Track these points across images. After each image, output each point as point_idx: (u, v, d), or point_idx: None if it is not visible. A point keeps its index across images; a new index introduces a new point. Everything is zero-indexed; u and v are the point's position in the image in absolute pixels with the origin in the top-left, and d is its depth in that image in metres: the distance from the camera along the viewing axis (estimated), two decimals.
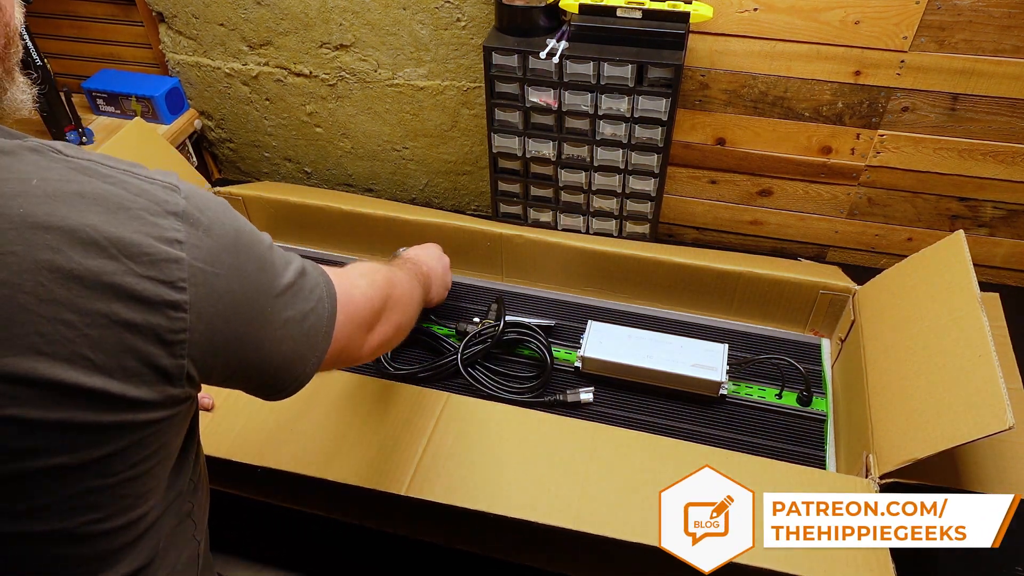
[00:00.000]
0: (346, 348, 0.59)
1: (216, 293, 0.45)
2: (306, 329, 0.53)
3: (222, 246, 0.46)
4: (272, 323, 0.50)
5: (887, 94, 1.17)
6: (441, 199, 1.60)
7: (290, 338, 0.52)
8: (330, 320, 0.56)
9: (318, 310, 0.54)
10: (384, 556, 1.06)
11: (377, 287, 0.65)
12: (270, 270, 0.51)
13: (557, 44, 1.13)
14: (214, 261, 0.45)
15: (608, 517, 0.79)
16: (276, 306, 0.50)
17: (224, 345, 0.47)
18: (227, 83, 1.51)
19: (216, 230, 0.46)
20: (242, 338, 0.48)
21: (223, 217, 0.47)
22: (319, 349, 0.55)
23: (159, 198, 0.44)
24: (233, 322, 0.47)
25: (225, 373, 0.49)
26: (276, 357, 0.52)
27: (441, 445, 0.87)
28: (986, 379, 0.78)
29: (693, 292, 1.18)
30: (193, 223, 0.44)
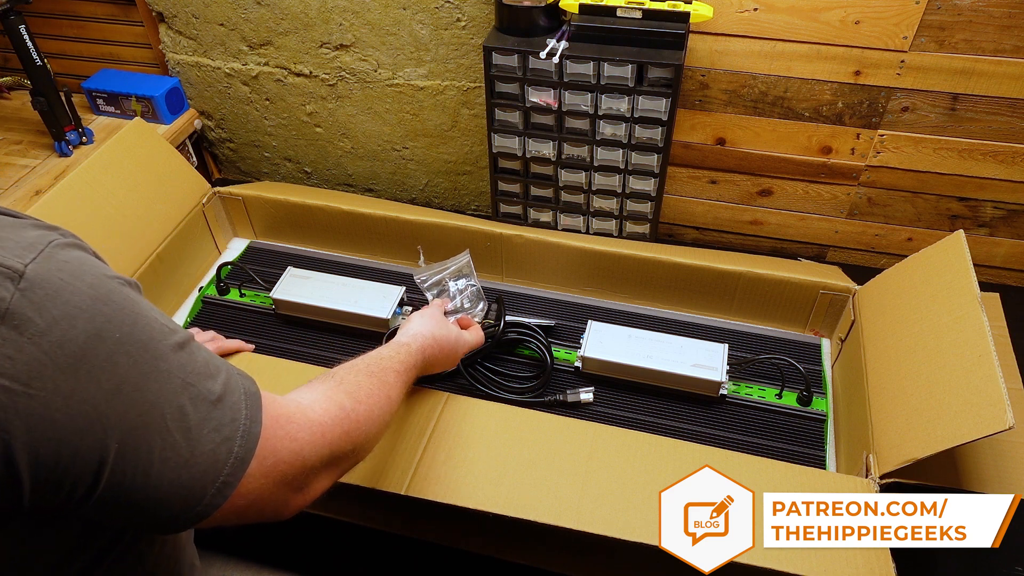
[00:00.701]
0: (257, 505, 0.48)
1: (25, 419, 0.35)
2: (188, 477, 0.42)
3: (54, 359, 0.36)
4: (128, 461, 0.40)
5: (887, 94, 1.17)
6: (441, 199, 1.60)
7: (158, 482, 0.41)
8: (234, 471, 0.45)
9: (217, 454, 0.44)
10: (384, 556, 1.06)
11: (325, 444, 0.53)
12: (141, 395, 0.40)
13: (557, 44, 1.13)
14: (33, 378, 0.36)
15: (608, 517, 0.79)
16: (140, 441, 0.40)
17: (42, 477, 0.37)
18: (227, 83, 1.51)
19: (53, 336, 0.36)
20: (73, 473, 0.38)
21: (77, 316, 0.37)
22: (206, 503, 0.44)
23: None
24: (54, 453, 0.37)
25: (67, 507, 0.40)
26: (133, 501, 0.41)
27: (441, 445, 0.87)
28: (986, 379, 0.78)
29: (693, 292, 1.18)
30: (16, 325, 0.35)
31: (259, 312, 1.23)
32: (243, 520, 0.48)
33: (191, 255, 1.28)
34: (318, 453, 0.52)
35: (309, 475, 0.52)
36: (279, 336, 1.19)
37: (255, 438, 0.46)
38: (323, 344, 1.18)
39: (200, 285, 1.29)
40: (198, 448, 0.43)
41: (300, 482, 0.51)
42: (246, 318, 1.23)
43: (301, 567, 1.10)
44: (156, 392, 0.41)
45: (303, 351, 1.17)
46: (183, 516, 0.44)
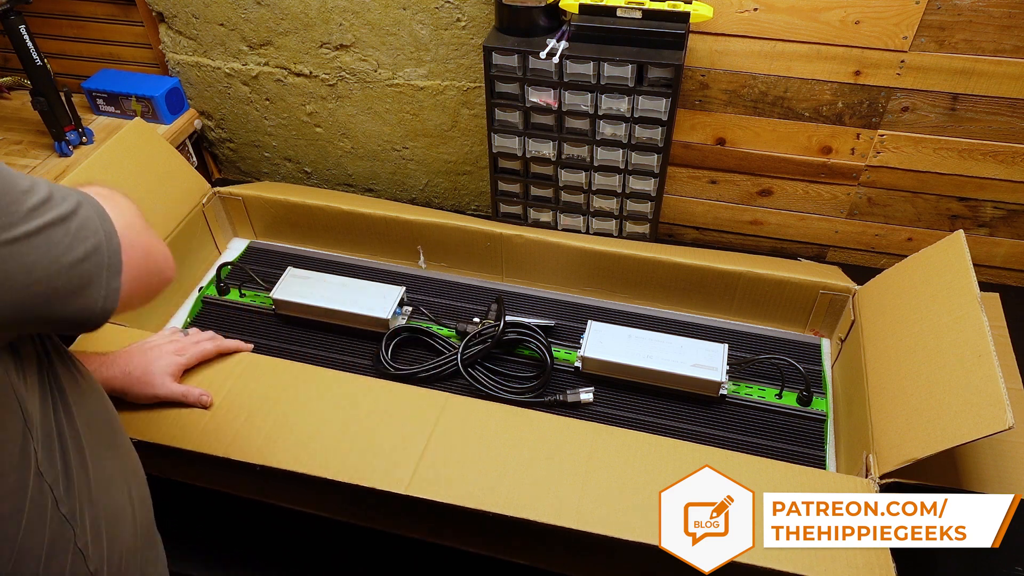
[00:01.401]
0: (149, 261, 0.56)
1: None
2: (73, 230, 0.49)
3: None
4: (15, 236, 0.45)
5: (887, 94, 1.17)
6: (441, 199, 1.60)
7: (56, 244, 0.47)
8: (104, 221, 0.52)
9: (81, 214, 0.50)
10: (383, 556, 1.06)
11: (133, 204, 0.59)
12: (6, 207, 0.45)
13: (557, 44, 1.13)
14: None
15: (608, 516, 0.79)
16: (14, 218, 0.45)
17: None
18: (227, 83, 1.51)
19: None
20: None
21: None
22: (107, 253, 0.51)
23: None
24: None
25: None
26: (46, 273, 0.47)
27: (441, 445, 0.87)
28: (986, 379, 0.78)
29: (693, 292, 1.18)
30: None
31: (259, 312, 1.23)
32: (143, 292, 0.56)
33: (191, 255, 1.28)
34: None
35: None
36: (279, 336, 1.19)
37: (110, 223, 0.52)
38: (323, 344, 1.18)
39: (200, 285, 1.29)
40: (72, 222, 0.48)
41: None
42: (246, 318, 1.23)
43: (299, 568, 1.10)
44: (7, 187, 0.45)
45: (303, 351, 1.17)
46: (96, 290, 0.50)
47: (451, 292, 1.26)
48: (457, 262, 1.29)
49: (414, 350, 1.16)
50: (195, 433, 0.88)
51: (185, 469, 0.97)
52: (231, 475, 0.97)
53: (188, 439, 0.88)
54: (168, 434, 0.88)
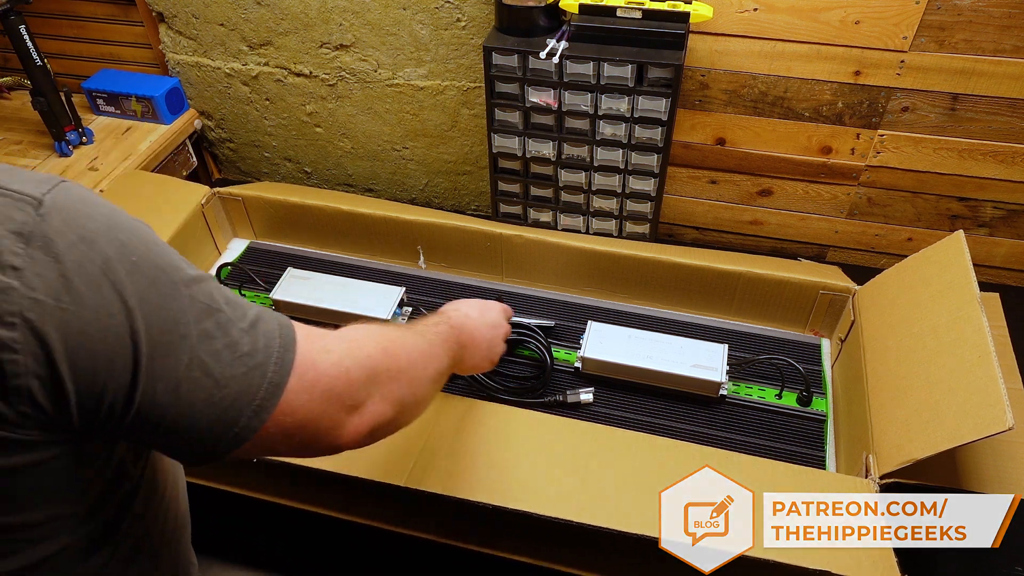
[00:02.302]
0: (308, 425, 0.48)
1: (58, 331, 0.38)
2: (220, 399, 0.44)
3: (78, 275, 0.38)
4: (159, 379, 0.42)
5: (887, 94, 1.17)
6: (441, 199, 1.60)
7: (191, 403, 0.43)
8: (270, 394, 0.45)
9: (249, 378, 0.45)
10: (381, 553, 1.06)
11: (363, 354, 0.52)
12: (164, 313, 0.42)
13: (557, 44, 1.13)
14: (60, 293, 0.38)
15: (608, 511, 0.79)
16: (168, 360, 0.42)
17: (79, 392, 0.39)
18: (227, 83, 1.51)
19: (72, 256, 0.38)
20: (107, 388, 0.40)
21: (95, 239, 0.40)
22: (242, 425, 0.45)
23: (5, 215, 0.38)
24: (83, 367, 0.39)
25: (107, 423, 0.42)
26: (171, 423, 0.43)
27: (440, 443, 0.87)
28: (986, 379, 0.78)
29: (693, 292, 1.18)
30: (43, 246, 0.38)
31: None
32: (293, 443, 0.48)
33: (191, 256, 1.28)
34: (358, 364, 0.51)
35: (355, 390, 0.51)
36: None
37: (290, 363, 0.47)
38: None
39: None
40: (229, 372, 0.44)
41: (349, 398, 0.51)
42: None
43: (300, 568, 1.10)
44: (177, 311, 0.43)
45: None
46: (221, 439, 0.45)
47: (451, 292, 1.26)
48: (457, 262, 1.29)
49: None
50: None
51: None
52: (229, 472, 0.97)
53: None
54: None
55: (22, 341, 0.37)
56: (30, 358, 0.38)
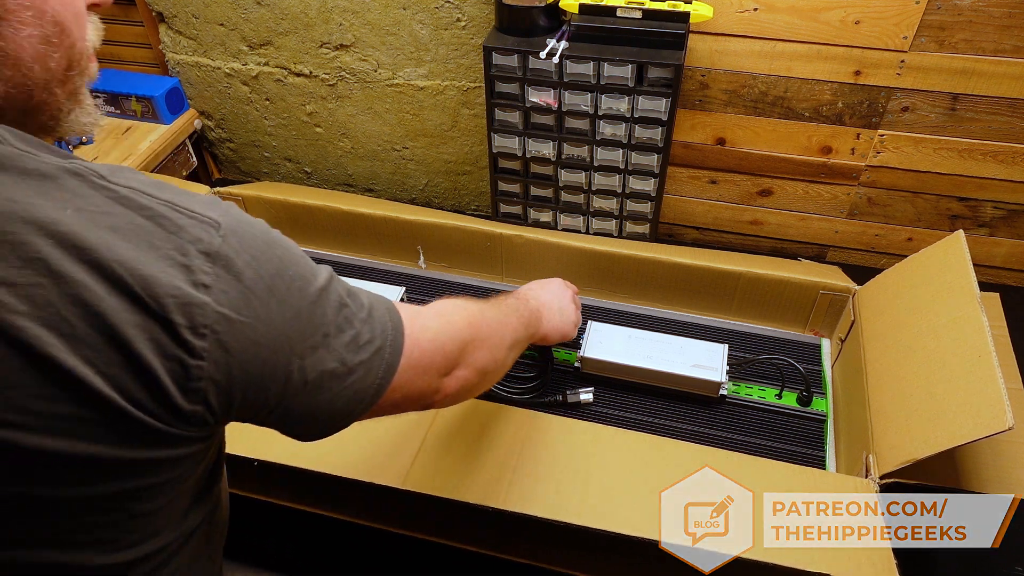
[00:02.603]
0: (410, 396, 0.57)
1: (238, 342, 0.43)
2: (351, 383, 0.50)
3: (253, 292, 0.43)
4: (304, 376, 0.47)
5: (887, 94, 1.17)
6: (441, 199, 1.60)
7: (327, 391, 0.49)
8: (387, 374, 0.53)
9: (372, 363, 0.51)
10: (381, 554, 1.06)
11: (454, 329, 0.61)
12: (312, 320, 0.48)
13: (557, 44, 1.13)
14: (241, 308, 0.43)
15: (609, 513, 0.79)
16: (313, 358, 0.48)
17: (243, 393, 0.45)
18: (227, 83, 1.51)
19: (249, 274, 0.43)
20: (263, 388, 0.46)
21: (262, 258, 0.45)
22: (365, 402, 0.52)
23: (194, 236, 0.42)
24: (253, 372, 0.44)
25: (247, 417, 0.48)
26: (308, 408, 0.49)
27: (439, 443, 0.87)
28: (986, 379, 0.78)
29: (693, 292, 1.18)
30: (225, 265, 0.42)
31: None
32: (399, 410, 0.57)
33: None
34: (450, 336, 0.60)
35: (448, 360, 0.60)
36: None
37: (401, 344, 0.54)
38: None
39: None
40: (357, 359, 0.50)
41: (442, 367, 0.60)
42: None
43: (301, 568, 1.10)
44: (321, 315, 0.48)
45: None
46: (347, 417, 0.52)
47: (451, 292, 1.26)
48: (457, 262, 1.29)
49: None
50: None
51: None
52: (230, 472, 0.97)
53: None
54: None
55: (210, 350, 0.42)
56: (213, 365, 0.42)
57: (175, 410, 0.42)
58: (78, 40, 0.46)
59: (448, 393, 0.61)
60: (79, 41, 0.46)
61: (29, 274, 0.37)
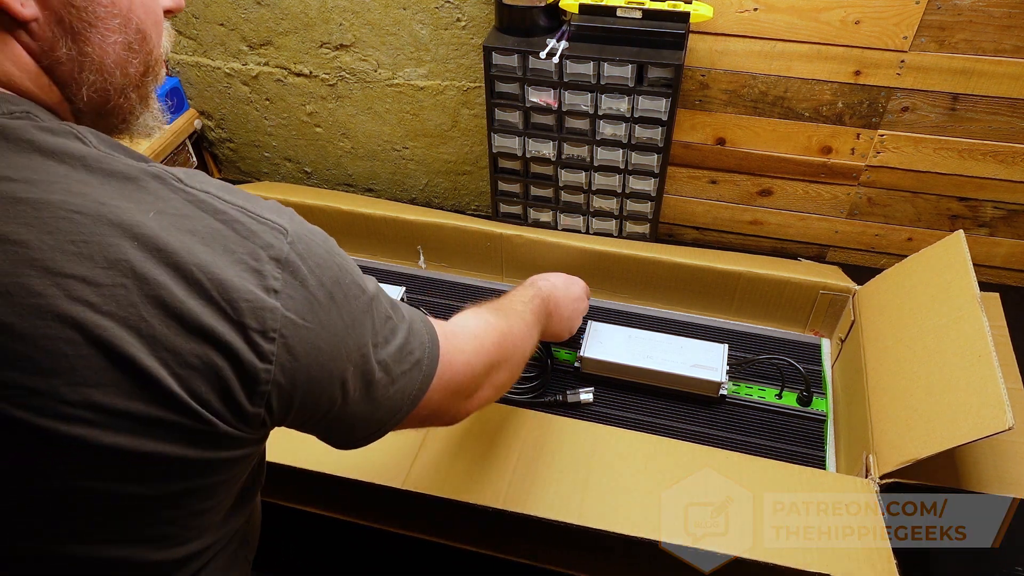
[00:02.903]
0: (436, 412, 0.58)
1: (302, 347, 0.44)
2: (391, 393, 0.52)
3: (316, 299, 0.44)
4: (355, 383, 0.49)
5: (887, 94, 1.17)
6: (441, 199, 1.60)
7: (371, 400, 0.51)
8: (422, 387, 0.54)
9: (411, 374, 0.53)
10: (380, 554, 1.06)
11: (485, 352, 0.62)
12: (364, 328, 0.49)
13: (557, 44, 1.13)
14: (305, 313, 0.44)
15: (608, 513, 0.79)
16: (363, 366, 0.49)
17: (302, 398, 0.45)
18: (227, 83, 1.51)
19: (312, 281, 0.44)
20: (320, 393, 0.47)
21: (324, 266, 0.45)
22: (401, 413, 0.53)
23: (265, 242, 0.43)
24: (314, 377, 0.45)
25: (299, 422, 0.48)
26: (352, 416, 0.50)
27: (439, 443, 0.87)
28: (986, 379, 0.78)
29: (693, 292, 1.18)
30: (292, 271, 0.43)
31: None
32: (421, 425, 0.58)
33: None
34: (481, 361, 0.61)
35: (476, 382, 0.61)
36: None
37: (436, 358, 0.55)
38: None
39: None
40: (400, 369, 0.52)
41: (469, 389, 0.61)
42: None
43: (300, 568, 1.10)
44: (372, 324, 0.49)
45: None
46: (384, 426, 0.53)
47: (451, 292, 1.26)
48: (457, 262, 1.29)
49: None
50: None
51: None
52: None
53: None
54: None
55: (277, 354, 0.42)
56: (279, 370, 0.43)
57: (240, 412, 0.42)
58: (155, 47, 0.48)
59: (469, 411, 0.63)
60: (156, 48, 0.48)
61: (114, 275, 0.38)
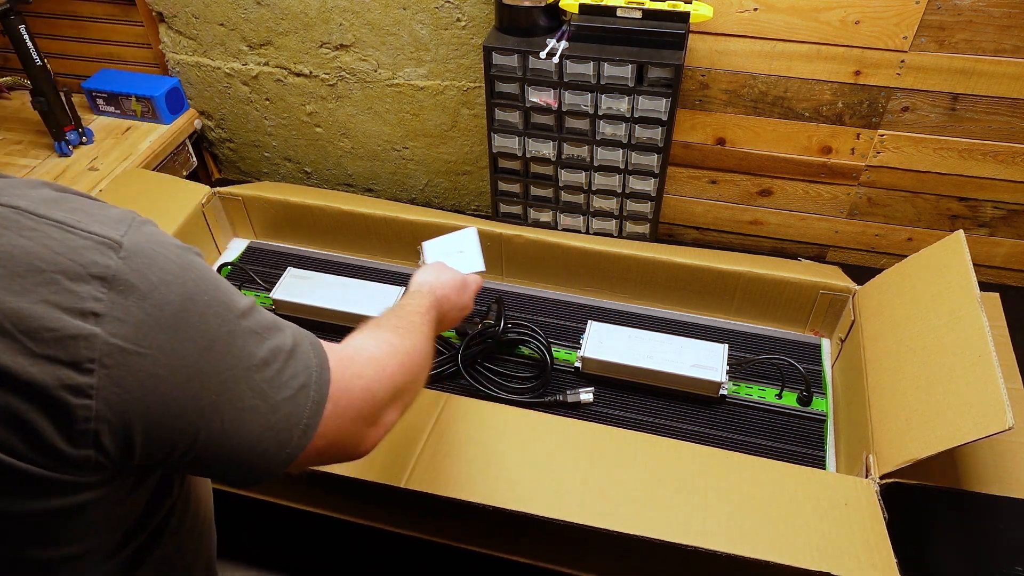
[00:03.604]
0: (337, 443, 0.51)
1: (134, 376, 0.38)
2: (274, 423, 0.46)
3: (157, 320, 0.39)
4: (221, 413, 0.43)
5: (887, 94, 1.17)
6: (441, 199, 1.60)
7: (248, 430, 0.45)
8: (313, 415, 0.48)
9: (296, 401, 0.47)
10: (381, 554, 1.06)
11: (388, 377, 0.56)
12: (228, 351, 0.43)
13: (557, 44, 1.13)
14: (139, 338, 0.38)
15: (608, 512, 0.79)
16: (229, 393, 0.43)
17: (147, 432, 0.40)
18: (227, 83, 1.51)
19: (153, 299, 0.39)
20: (171, 427, 0.41)
21: (173, 282, 0.40)
22: (292, 445, 0.47)
23: (85, 259, 0.38)
24: (161, 411, 0.40)
25: (161, 459, 0.43)
26: (231, 450, 0.45)
27: (440, 443, 0.87)
28: (986, 379, 0.78)
29: (693, 292, 1.18)
30: (123, 290, 0.38)
31: None
32: (324, 460, 0.52)
33: None
34: (383, 386, 0.55)
35: (379, 408, 0.55)
36: None
37: (327, 383, 0.49)
38: None
39: None
40: (281, 395, 0.46)
41: (372, 416, 0.55)
42: None
43: (300, 568, 1.10)
44: (241, 347, 0.44)
45: None
46: (274, 461, 0.47)
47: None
48: None
49: None
50: None
51: None
52: None
53: None
54: None
55: (98, 387, 0.37)
56: (103, 404, 0.38)
57: (59, 456, 0.38)
58: None
59: (374, 442, 0.56)
60: None
61: None
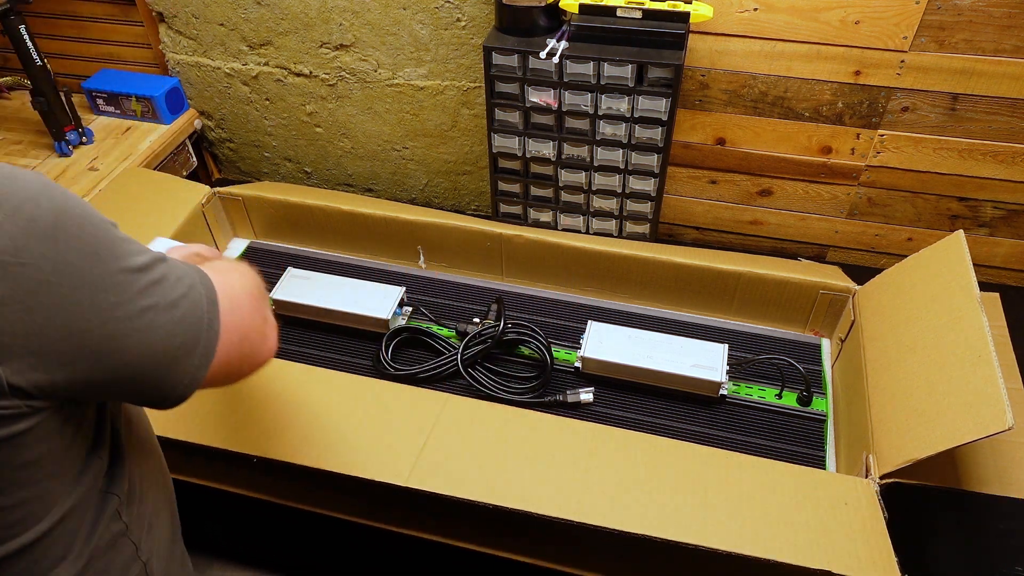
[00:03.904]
0: (247, 337, 0.53)
1: (27, 286, 0.40)
2: (178, 317, 0.47)
3: (31, 232, 0.40)
4: (124, 314, 0.44)
5: (887, 94, 1.17)
6: (441, 199, 1.60)
7: (157, 329, 0.45)
8: (210, 307, 0.49)
9: (191, 296, 0.48)
10: (381, 553, 1.06)
11: (249, 278, 0.58)
12: (111, 255, 0.44)
13: (557, 44, 1.13)
14: (19, 250, 0.39)
15: (608, 511, 0.79)
16: (126, 295, 0.44)
17: (57, 346, 0.42)
18: (227, 83, 1.51)
19: (24, 213, 0.40)
20: (82, 335, 0.42)
21: (40, 197, 0.42)
22: (204, 342, 0.49)
23: None
24: (60, 318, 0.41)
25: (81, 379, 0.44)
26: (141, 355, 0.45)
27: (441, 443, 0.87)
28: (986, 379, 0.78)
29: (693, 292, 1.18)
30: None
31: None
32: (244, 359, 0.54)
33: None
34: (253, 283, 0.58)
35: (263, 304, 0.58)
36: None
37: (210, 282, 0.51)
38: (323, 344, 1.18)
39: None
40: (176, 292, 0.47)
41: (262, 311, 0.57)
42: None
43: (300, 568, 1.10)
44: (125, 251, 0.45)
45: (303, 351, 1.17)
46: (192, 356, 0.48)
47: (451, 292, 1.26)
48: (457, 262, 1.29)
49: (414, 350, 1.16)
50: (193, 425, 0.89)
51: (182, 464, 0.97)
52: (231, 470, 0.97)
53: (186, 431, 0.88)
54: (164, 427, 0.88)
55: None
56: (6, 322, 0.39)
57: None
58: None
59: (275, 340, 0.58)
60: None
61: None
